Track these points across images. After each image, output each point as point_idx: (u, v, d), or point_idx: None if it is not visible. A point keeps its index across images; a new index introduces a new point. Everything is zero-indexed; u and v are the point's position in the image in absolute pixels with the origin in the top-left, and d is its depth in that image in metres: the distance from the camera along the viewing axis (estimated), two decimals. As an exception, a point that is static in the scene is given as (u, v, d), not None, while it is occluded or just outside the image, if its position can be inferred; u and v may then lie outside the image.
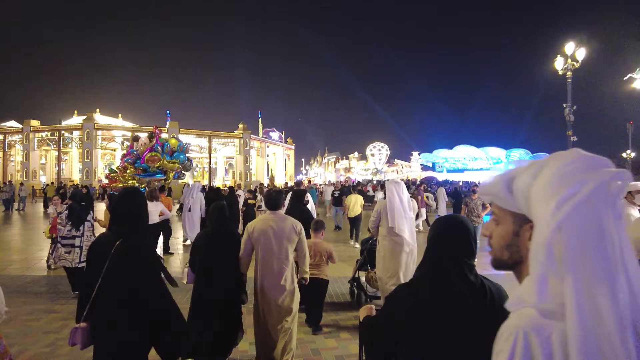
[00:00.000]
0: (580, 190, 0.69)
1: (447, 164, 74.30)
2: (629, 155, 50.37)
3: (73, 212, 5.70)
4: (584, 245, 0.68)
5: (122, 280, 2.09)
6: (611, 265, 0.67)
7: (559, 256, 0.70)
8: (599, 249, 0.68)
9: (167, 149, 14.11)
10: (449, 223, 1.59)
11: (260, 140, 44.82)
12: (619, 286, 0.67)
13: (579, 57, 16.21)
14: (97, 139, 37.32)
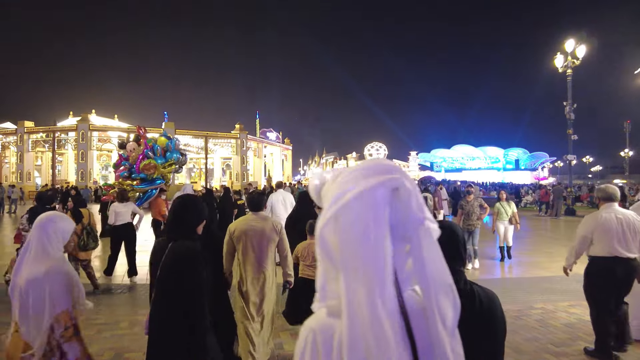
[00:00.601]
0: (345, 195, 0.72)
1: (445, 164, 74.43)
2: (627, 154, 50.45)
3: (34, 216, 5.16)
4: (351, 245, 0.71)
5: (169, 278, 2.14)
6: (376, 265, 0.70)
7: (336, 256, 0.73)
8: (364, 249, 0.70)
9: (158, 152, 13.18)
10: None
11: (257, 141, 44.56)
12: (382, 285, 0.70)
13: (579, 54, 16.06)
14: (93, 140, 37.05)
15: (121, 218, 7.02)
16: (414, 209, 0.75)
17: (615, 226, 3.62)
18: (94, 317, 4.88)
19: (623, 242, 3.60)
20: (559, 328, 4.55)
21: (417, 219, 0.75)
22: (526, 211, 20.41)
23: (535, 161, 68.83)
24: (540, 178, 61.51)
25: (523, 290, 6.18)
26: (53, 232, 2.13)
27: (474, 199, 8.17)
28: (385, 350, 0.67)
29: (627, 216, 3.69)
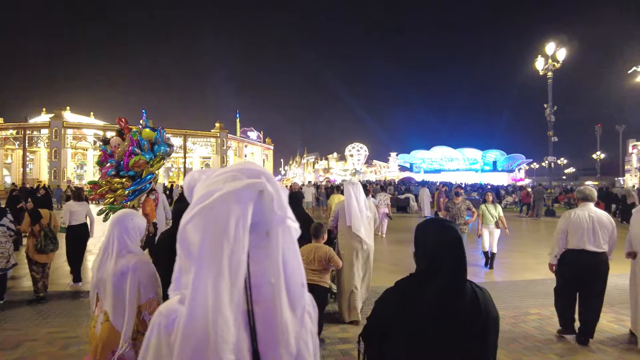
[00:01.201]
0: (213, 195, 0.77)
1: (424, 165, 75.15)
2: (598, 157, 52.05)
3: None
4: (211, 241, 0.75)
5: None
6: (231, 260, 0.75)
7: (195, 250, 0.77)
8: (223, 245, 0.74)
9: (145, 147, 11.50)
10: (445, 227, 1.53)
11: (237, 140, 43.92)
12: (233, 276, 0.75)
13: (559, 57, 16.28)
14: (67, 137, 35.77)
15: (76, 218, 6.61)
16: (276, 209, 0.82)
17: (586, 223, 4.08)
18: (59, 330, 4.44)
19: (592, 237, 4.05)
20: (559, 336, 4.38)
21: (278, 218, 0.82)
22: (506, 212, 20.31)
23: (512, 163, 70.32)
24: (517, 179, 62.86)
25: (516, 295, 6.05)
26: (132, 228, 2.31)
27: (461, 201, 7.84)
28: (224, 334, 0.73)
29: (599, 215, 4.14)
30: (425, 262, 1.49)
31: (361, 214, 4.77)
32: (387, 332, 1.47)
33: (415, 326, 1.42)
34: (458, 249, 1.46)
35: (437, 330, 1.39)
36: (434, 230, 1.54)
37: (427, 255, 1.49)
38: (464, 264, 1.47)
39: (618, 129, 58.53)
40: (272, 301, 0.80)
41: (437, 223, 1.58)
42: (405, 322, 1.43)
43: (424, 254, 1.50)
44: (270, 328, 0.80)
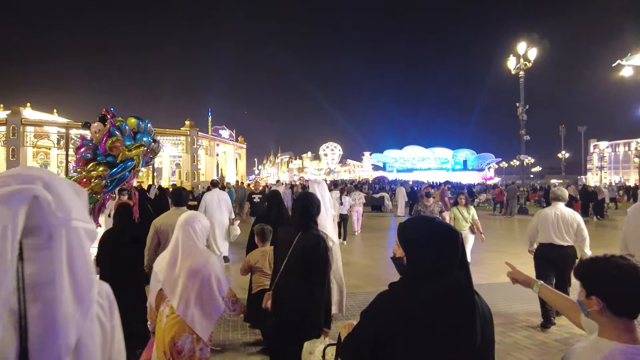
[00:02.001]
0: None
1: (397, 164, 75.88)
2: (564, 156, 53.90)
3: None
4: None
5: (303, 261, 2.63)
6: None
7: None
8: None
9: (126, 132, 9.82)
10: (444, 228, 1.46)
11: (209, 139, 42.66)
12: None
13: (530, 56, 16.42)
14: (26, 135, 33.70)
15: None
16: (57, 212, 0.84)
17: (552, 219, 4.69)
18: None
19: (557, 232, 4.66)
20: (555, 347, 4.07)
21: (60, 220, 0.84)
22: (479, 210, 20.52)
23: (482, 162, 72.02)
24: (487, 178, 64.35)
25: (500, 299, 5.72)
26: (199, 229, 2.51)
27: (433, 203, 7.29)
28: None
29: (564, 213, 4.73)
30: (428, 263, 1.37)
31: (327, 212, 4.82)
32: (384, 343, 1.35)
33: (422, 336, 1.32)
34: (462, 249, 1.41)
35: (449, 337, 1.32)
36: (438, 231, 1.42)
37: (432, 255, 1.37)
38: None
39: (580, 129, 60.88)
40: (53, 298, 0.83)
41: (442, 224, 1.47)
42: (411, 332, 1.31)
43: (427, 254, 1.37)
44: (48, 325, 0.82)
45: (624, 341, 1.25)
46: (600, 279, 1.30)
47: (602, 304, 1.27)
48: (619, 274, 1.26)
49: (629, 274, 1.25)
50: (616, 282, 1.26)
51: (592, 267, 1.34)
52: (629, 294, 1.25)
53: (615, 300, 1.27)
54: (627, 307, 1.27)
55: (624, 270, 1.26)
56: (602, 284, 1.29)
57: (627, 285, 1.24)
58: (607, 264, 1.30)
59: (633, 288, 1.25)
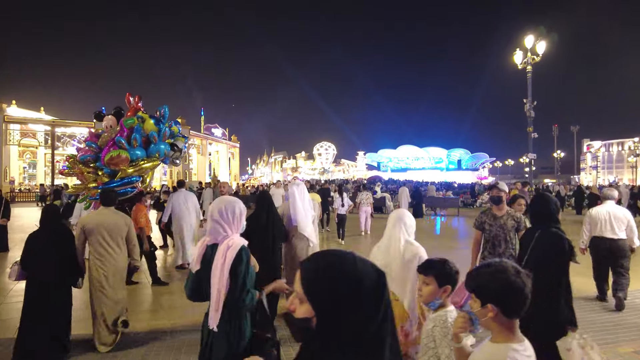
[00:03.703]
0: None
1: (391, 164, 75.45)
2: (559, 155, 53.81)
3: None
4: None
5: (547, 258, 2.75)
6: None
7: None
8: None
9: (135, 142, 7.90)
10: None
11: (201, 137, 41.70)
12: None
13: (539, 50, 15.79)
14: (11, 134, 32.44)
15: None
16: None
17: (604, 216, 5.30)
18: None
19: (610, 227, 5.25)
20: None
21: None
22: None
23: (477, 161, 71.82)
24: (481, 177, 64.06)
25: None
26: (409, 224, 2.95)
27: (507, 214, 6.21)
28: None
29: (615, 211, 5.34)
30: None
31: (306, 213, 4.94)
32: None
33: None
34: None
35: None
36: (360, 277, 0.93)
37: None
38: None
39: (573, 129, 60.92)
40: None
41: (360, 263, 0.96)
42: None
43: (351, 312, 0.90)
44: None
45: (516, 341, 1.34)
46: (493, 286, 1.36)
47: (497, 309, 1.34)
48: (506, 278, 1.36)
49: (513, 275, 1.36)
50: (507, 286, 1.35)
51: (482, 277, 1.40)
52: (518, 294, 1.34)
53: (508, 303, 1.35)
54: (518, 308, 1.35)
55: (508, 273, 1.37)
56: (495, 291, 1.36)
57: (515, 286, 1.34)
58: (493, 270, 1.39)
59: (519, 287, 1.35)
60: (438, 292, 2.00)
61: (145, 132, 7.87)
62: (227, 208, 2.24)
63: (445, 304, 2.01)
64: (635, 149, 53.79)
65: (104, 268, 3.96)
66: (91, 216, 4.18)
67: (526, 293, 1.35)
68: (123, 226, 4.11)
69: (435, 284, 2.00)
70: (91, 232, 3.93)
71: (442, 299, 2.01)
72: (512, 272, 1.36)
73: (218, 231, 2.22)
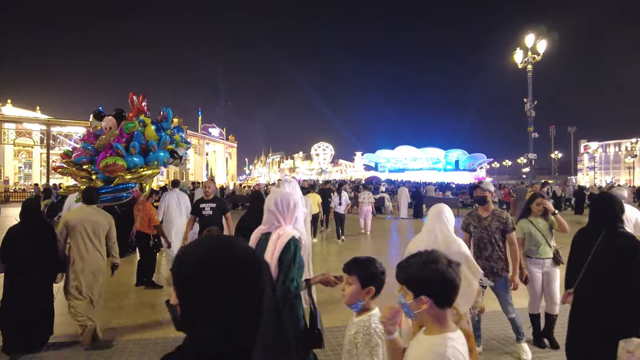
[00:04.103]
0: None
1: (388, 164, 75.39)
2: (557, 156, 53.89)
3: None
4: None
5: (621, 258, 2.65)
6: None
7: None
8: None
9: (134, 150, 7.57)
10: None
11: (198, 137, 41.43)
12: None
13: (540, 49, 15.65)
14: (5, 133, 32.17)
15: None
16: None
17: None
18: None
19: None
20: None
21: None
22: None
23: (474, 162, 71.80)
24: (479, 178, 64.07)
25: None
26: (449, 218, 2.91)
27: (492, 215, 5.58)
28: None
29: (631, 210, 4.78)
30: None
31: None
32: None
33: None
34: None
35: None
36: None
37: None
38: None
39: (569, 130, 61.03)
40: None
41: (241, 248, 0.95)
42: None
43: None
44: None
45: (450, 330, 1.33)
46: (425, 277, 1.34)
47: (430, 300, 1.31)
48: (438, 268, 1.33)
49: (445, 265, 1.34)
50: (439, 276, 1.32)
51: (413, 268, 1.38)
52: (450, 284, 1.32)
53: (441, 294, 1.33)
54: (450, 298, 1.34)
55: (440, 264, 1.34)
56: (428, 282, 1.33)
57: (447, 276, 1.32)
58: (425, 261, 1.36)
59: (451, 278, 1.32)
60: (361, 293, 1.90)
61: (145, 139, 7.61)
62: (282, 200, 2.40)
63: (369, 307, 1.93)
64: (633, 150, 53.91)
65: (82, 264, 4.02)
66: (75, 212, 4.29)
67: (457, 283, 1.33)
68: (105, 224, 4.22)
69: (358, 284, 1.91)
70: (74, 228, 4.01)
71: (366, 300, 1.92)
72: (444, 263, 1.35)
73: (272, 221, 2.38)
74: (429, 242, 2.75)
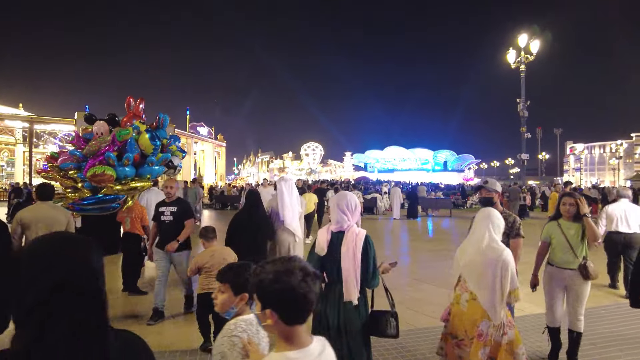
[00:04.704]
0: None
1: (378, 165, 75.53)
2: (544, 157, 54.52)
3: None
4: None
5: None
6: None
7: None
8: None
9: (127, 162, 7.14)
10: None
11: (186, 136, 40.70)
12: None
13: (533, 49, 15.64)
14: (-18, 131, 31.26)
15: None
16: None
17: (619, 213, 5.82)
18: None
19: (625, 222, 5.78)
20: None
21: None
22: (473, 212, 19.65)
23: (462, 163, 72.35)
24: (467, 179, 64.49)
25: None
26: (497, 224, 2.77)
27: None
28: None
29: (629, 207, 5.87)
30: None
31: (293, 209, 4.99)
32: None
33: None
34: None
35: None
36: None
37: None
38: None
39: (556, 132, 61.83)
40: None
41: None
42: None
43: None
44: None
45: (295, 348, 1.20)
46: (273, 289, 1.18)
47: (276, 315, 1.18)
48: (289, 281, 1.17)
49: (298, 278, 1.18)
50: (288, 290, 1.17)
51: (264, 277, 1.21)
52: (300, 300, 1.18)
53: (288, 310, 1.19)
54: (300, 315, 1.20)
55: (293, 275, 1.19)
56: (275, 295, 1.18)
57: (297, 290, 1.17)
58: (277, 271, 1.20)
59: (302, 293, 1.17)
60: (234, 300, 1.88)
61: (138, 147, 7.08)
62: (350, 201, 2.64)
63: (241, 313, 1.87)
64: (617, 152, 54.85)
65: None
66: (29, 209, 4.22)
67: (310, 298, 1.19)
68: (62, 220, 4.17)
69: (230, 292, 1.89)
70: (28, 225, 3.96)
71: (238, 307, 1.88)
72: (298, 275, 1.18)
73: (344, 220, 2.59)
74: (477, 249, 2.72)
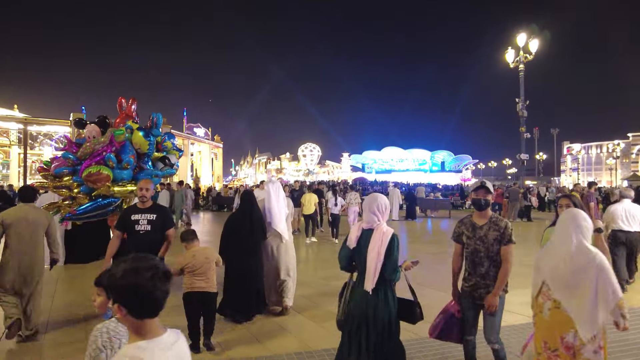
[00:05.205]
0: None
1: (375, 165, 75.41)
2: (541, 157, 54.63)
3: None
4: None
5: None
6: None
7: None
8: None
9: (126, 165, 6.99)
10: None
11: (182, 137, 40.49)
12: None
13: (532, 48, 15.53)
14: (-24, 133, 30.96)
15: None
16: None
17: (621, 212, 6.15)
18: None
19: (626, 221, 6.11)
20: None
21: None
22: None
23: (460, 163, 72.30)
24: (465, 179, 64.47)
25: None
26: (587, 228, 2.59)
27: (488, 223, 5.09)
28: None
29: (630, 207, 6.17)
30: None
31: (280, 210, 5.05)
32: None
33: None
34: None
35: None
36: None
37: None
38: None
39: (552, 132, 61.99)
40: None
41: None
42: None
43: None
44: None
45: (145, 338, 1.26)
46: (120, 285, 1.25)
47: (124, 310, 1.24)
48: (135, 278, 1.23)
49: (144, 276, 1.23)
50: (133, 287, 1.23)
51: (113, 273, 1.28)
52: (144, 297, 1.24)
53: (134, 306, 1.25)
54: (147, 310, 1.26)
55: (139, 273, 1.24)
56: (121, 291, 1.25)
57: (142, 289, 1.22)
58: (125, 268, 1.26)
59: (147, 291, 1.23)
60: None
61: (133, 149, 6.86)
62: (380, 202, 2.87)
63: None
64: (614, 152, 54.96)
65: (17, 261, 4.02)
66: (12, 211, 4.26)
67: (157, 296, 1.24)
68: (44, 221, 4.25)
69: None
70: (10, 226, 4.00)
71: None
72: (146, 274, 1.23)
73: (374, 219, 2.83)
74: (564, 253, 2.54)
